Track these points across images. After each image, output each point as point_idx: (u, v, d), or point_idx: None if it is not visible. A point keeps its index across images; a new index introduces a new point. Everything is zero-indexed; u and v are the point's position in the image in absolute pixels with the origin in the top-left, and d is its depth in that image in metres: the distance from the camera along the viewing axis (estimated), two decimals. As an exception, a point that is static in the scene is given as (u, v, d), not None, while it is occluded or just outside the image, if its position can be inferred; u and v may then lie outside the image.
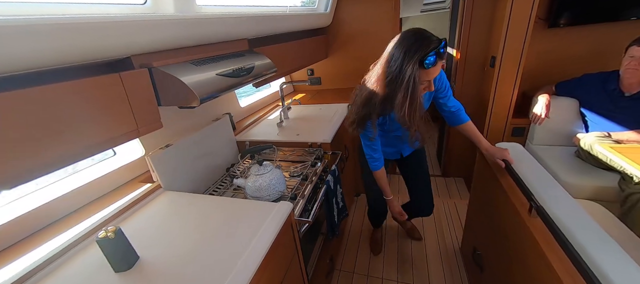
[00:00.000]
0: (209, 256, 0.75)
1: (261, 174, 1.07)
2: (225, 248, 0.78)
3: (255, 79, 1.13)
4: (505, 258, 1.01)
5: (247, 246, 0.76)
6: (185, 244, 0.81)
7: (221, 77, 0.95)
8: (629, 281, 0.59)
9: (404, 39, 0.89)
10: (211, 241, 0.81)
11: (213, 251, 0.77)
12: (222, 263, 0.72)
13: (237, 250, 0.76)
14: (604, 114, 1.57)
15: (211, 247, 0.79)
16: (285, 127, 1.73)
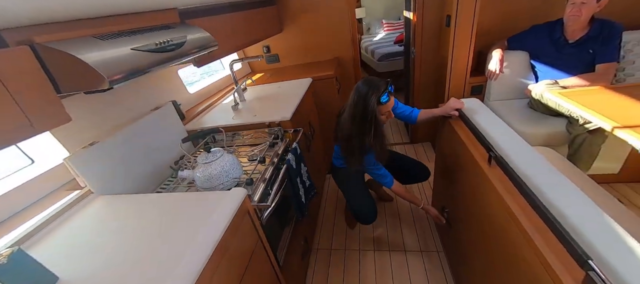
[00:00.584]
0: (148, 262, 0.64)
1: (210, 161, 0.95)
2: (168, 249, 0.67)
3: (190, 56, 0.98)
4: (470, 210, 1.01)
5: (191, 243, 0.66)
6: (119, 253, 0.69)
7: (140, 52, 0.78)
8: (580, 213, 0.59)
9: (361, 90, 1.12)
10: (151, 245, 0.69)
11: (153, 255, 0.66)
12: (163, 266, 0.62)
13: (181, 249, 0.65)
14: (551, 62, 1.63)
15: (151, 251, 0.67)
16: (241, 109, 1.59)
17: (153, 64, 0.81)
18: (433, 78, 2.23)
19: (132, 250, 0.69)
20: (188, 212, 0.79)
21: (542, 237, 0.60)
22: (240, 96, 1.72)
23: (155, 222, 0.78)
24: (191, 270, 0.59)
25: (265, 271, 0.95)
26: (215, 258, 0.66)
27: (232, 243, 0.74)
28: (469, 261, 1.09)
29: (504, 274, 0.77)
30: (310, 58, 2.37)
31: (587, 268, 0.48)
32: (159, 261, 0.64)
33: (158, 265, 0.63)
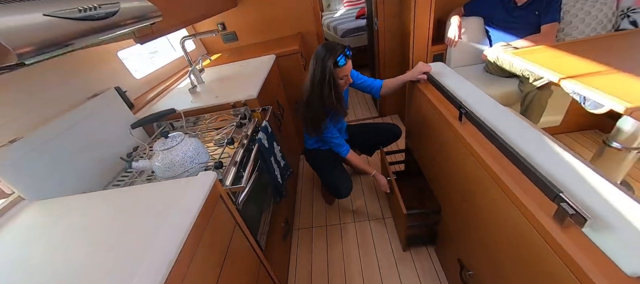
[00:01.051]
0: (100, 267, 0.55)
1: (169, 147, 0.84)
2: (125, 249, 0.57)
3: (126, 27, 0.82)
4: (443, 171, 1.05)
5: (155, 238, 0.57)
6: (61, 265, 0.58)
7: (56, 20, 0.63)
8: (548, 155, 0.63)
9: (319, 53, 1.17)
10: (104, 248, 0.59)
11: (106, 260, 0.56)
12: (122, 270, 0.53)
13: (141, 247, 0.57)
14: (503, 26, 1.73)
15: (104, 256, 0.57)
16: (200, 92, 1.44)
17: (76, 35, 0.66)
18: (398, 49, 2.25)
19: (80, 260, 0.58)
20: (148, 205, 0.69)
21: (514, 180, 0.63)
22: (198, 77, 1.56)
23: (108, 221, 0.67)
24: (159, 267, 0.51)
25: (247, 256, 0.89)
26: (188, 248, 0.58)
27: (206, 231, 0.67)
28: (442, 217, 1.15)
29: (479, 222, 0.82)
30: (271, 35, 2.23)
31: (558, 201, 0.51)
32: (115, 266, 0.55)
33: (115, 270, 0.54)
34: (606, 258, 0.45)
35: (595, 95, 0.93)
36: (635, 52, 1.20)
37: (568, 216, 0.49)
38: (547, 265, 0.53)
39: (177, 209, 0.64)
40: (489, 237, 0.76)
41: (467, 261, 0.96)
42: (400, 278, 1.27)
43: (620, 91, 0.88)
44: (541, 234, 0.54)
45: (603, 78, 1.00)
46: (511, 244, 0.65)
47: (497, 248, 0.72)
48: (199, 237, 0.64)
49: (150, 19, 0.93)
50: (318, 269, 1.38)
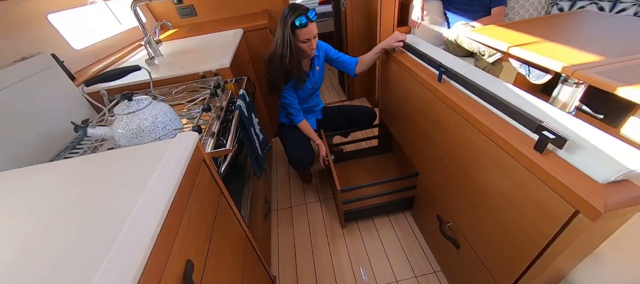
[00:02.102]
0: (68, 241, 0.44)
1: (135, 111, 0.72)
2: (97, 223, 0.47)
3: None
4: (422, 135, 1.10)
5: (134, 205, 0.48)
6: (10, 249, 0.45)
7: None
8: (515, 98, 0.70)
9: (283, 13, 1.19)
10: (70, 219, 0.48)
11: (78, 229, 0.46)
12: (95, 241, 0.43)
13: (119, 216, 0.47)
14: (460, 9, 1.88)
15: (73, 226, 0.47)
16: (159, 65, 1.28)
17: None
18: (364, 31, 2.29)
19: (40, 234, 0.46)
20: (119, 171, 0.58)
21: (496, 124, 0.68)
22: (155, 50, 1.38)
23: (70, 194, 0.55)
24: (146, 231, 0.43)
25: (234, 231, 0.82)
26: (174, 217, 0.50)
27: (192, 198, 0.59)
28: (419, 181, 1.22)
29: (460, 173, 0.88)
30: (234, 11, 2.08)
31: (540, 129, 0.56)
32: (88, 235, 0.45)
33: (88, 240, 0.44)
34: (582, 173, 0.52)
35: (538, 58, 1.08)
36: (564, 29, 1.41)
37: (549, 142, 0.55)
38: (531, 191, 0.59)
39: (156, 173, 0.55)
40: (471, 183, 0.82)
41: (445, 215, 1.04)
42: (382, 242, 1.31)
43: (556, 55, 1.03)
44: (524, 165, 0.60)
45: (542, 46, 1.17)
46: (494, 183, 0.71)
47: (479, 190, 0.79)
48: (184, 203, 0.56)
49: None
50: (301, 245, 1.36)
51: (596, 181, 0.50)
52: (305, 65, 1.38)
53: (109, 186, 0.55)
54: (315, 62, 1.40)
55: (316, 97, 1.59)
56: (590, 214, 0.48)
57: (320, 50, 1.41)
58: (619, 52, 1.10)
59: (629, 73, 0.94)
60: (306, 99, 1.52)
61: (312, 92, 1.48)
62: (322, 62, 1.45)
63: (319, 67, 1.45)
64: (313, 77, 1.43)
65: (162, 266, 0.44)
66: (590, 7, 1.76)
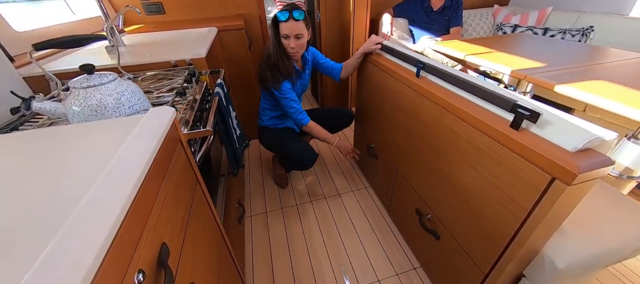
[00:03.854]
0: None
1: (96, 85, 0.62)
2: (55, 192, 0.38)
3: None
4: (401, 131, 1.14)
5: (90, 185, 0.40)
6: None
7: None
8: (487, 86, 0.77)
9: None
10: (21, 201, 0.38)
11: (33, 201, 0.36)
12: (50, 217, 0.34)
13: (76, 190, 0.39)
14: (423, 26, 2.07)
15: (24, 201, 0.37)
16: (123, 52, 1.16)
17: None
18: (338, 43, 2.38)
19: None
20: (78, 147, 0.49)
21: (473, 108, 0.73)
22: (117, 39, 1.25)
23: (19, 170, 0.44)
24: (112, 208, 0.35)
25: (209, 224, 0.73)
26: (148, 191, 0.43)
27: (168, 175, 0.52)
28: (397, 179, 1.25)
29: (439, 162, 0.91)
30: (207, 12, 2.02)
31: (516, 107, 0.61)
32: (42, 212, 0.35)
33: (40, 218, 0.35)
34: (554, 144, 0.57)
35: (491, 64, 1.23)
36: (510, 45, 1.63)
37: (524, 118, 0.60)
38: (510, 167, 0.64)
39: (125, 145, 0.47)
40: (450, 170, 0.86)
41: (424, 208, 1.06)
42: (363, 244, 1.29)
43: (505, 63, 1.18)
44: (503, 143, 0.64)
45: (494, 56, 1.34)
46: (474, 166, 0.75)
47: (459, 177, 0.82)
48: (159, 180, 0.48)
49: None
50: (278, 251, 1.27)
51: (567, 150, 0.55)
52: (297, 64, 1.37)
53: (67, 160, 0.45)
54: (304, 65, 1.41)
55: (300, 102, 1.57)
56: (566, 178, 0.52)
57: (309, 54, 1.42)
58: (554, 63, 1.30)
59: (563, 77, 1.11)
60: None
61: (301, 92, 1.46)
62: (310, 65, 1.46)
63: (309, 70, 1.46)
64: (303, 79, 1.43)
65: (133, 243, 0.36)
66: (527, 32, 2.08)
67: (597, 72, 1.17)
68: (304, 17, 1.17)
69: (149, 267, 0.39)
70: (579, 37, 1.88)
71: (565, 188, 0.53)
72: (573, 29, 1.92)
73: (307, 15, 1.20)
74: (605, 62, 1.30)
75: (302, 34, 1.19)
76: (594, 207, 0.83)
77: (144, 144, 0.46)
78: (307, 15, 1.20)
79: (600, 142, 0.53)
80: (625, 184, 1.16)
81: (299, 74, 1.38)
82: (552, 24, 2.09)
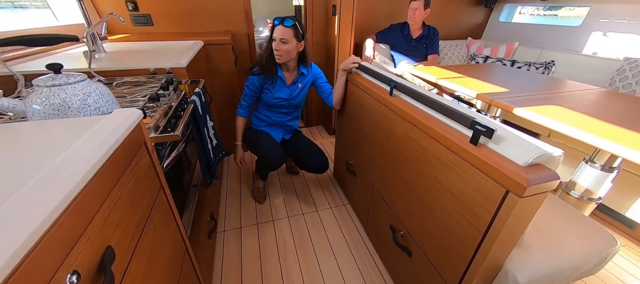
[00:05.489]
0: None
1: (61, 84, 0.61)
2: None
3: None
4: (374, 146, 1.17)
5: (41, 169, 0.38)
6: None
7: None
8: (453, 105, 0.81)
9: None
10: None
11: None
12: None
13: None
14: (403, 52, 2.20)
15: None
16: (102, 59, 1.15)
17: None
18: (323, 63, 2.47)
19: None
20: (29, 145, 0.47)
21: (438, 125, 0.77)
22: (98, 46, 1.24)
23: None
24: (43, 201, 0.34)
25: (171, 236, 0.70)
26: (96, 192, 0.41)
27: (125, 177, 0.50)
28: (373, 196, 1.26)
29: (409, 176, 0.94)
30: (195, 27, 2.05)
31: (473, 124, 0.65)
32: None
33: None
34: (507, 158, 0.60)
35: (459, 87, 1.33)
36: (479, 73, 1.75)
37: (481, 134, 0.64)
38: (470, 180, 0.66)
39: (79, 143, 0.46)
40: (420, 184, 0.88)
41: (398, 224, 1.07)
42: (338, 263, 1.26)
43: (473, 87, 1.27)
44: (464, 157, 0.68)
45: (464, 81, 1.43)
46: (440, 179, 0.78)
47: (428, 190, 0.84)
48: (111, 182, 0.46)
49: None
50: (250, 269, 1.22)
51: (518, 164, 0.58)
52: (288, 74, 1.44)
53: (6, 157, 0.43)
54: (300, 79, 1.46)
55: (289, 116, 1.58)
56: (517, 191, 0.55)
57: (310, 73, 1.49)
58: (518, 90, 1.40)
59: (523, 102, 1.19)
60: (275, 110, 1.52)
61: (280, 104, 1.48)
62: (308, 84, 1.50)
63: (303, 86, 1.49)
64: (290, 90, 1.45)
65: (69, 242, 0.34)
66: (497, 62, 2.24)
67: (556, 100, 1.27)
68: (292, 25, 1.26)
69: (87, 269, 0.37)
70: (542, 70, 2.05)
71: (518, 200, 0.56)
72: (537, 62, 2.09)
73: (298, 27, 1.28)
74: (564, 91, 1.41)
75: (288, 40, 1.27)
76: (555, 226, 0.86)
77: (98, 142, 0.45)
78: (298, 27, 1.28)
79: (548, 157, 0.57)
80: (586, 206, 1.22)
81: (283, 82, 1.43)
82: (519, 57, 2.27)
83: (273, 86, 1.42)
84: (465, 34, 2.73)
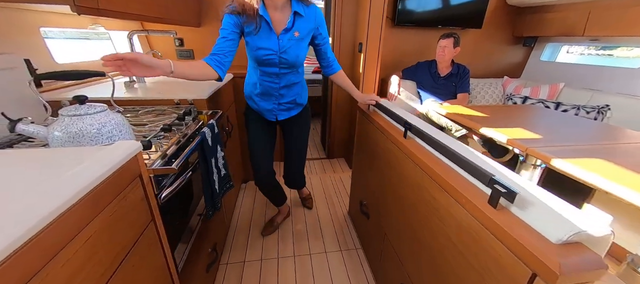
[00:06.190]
0: None
1: (81, 114, 0.67)
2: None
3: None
4: (387, 189, 1.08)
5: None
6: None
7: None
8: (471, 156, 0.72)
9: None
10: None
11: None
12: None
13: None
14: (430, 90, 2.12)
15: None
16: (138, 88, 1.27)
17: None
18: (347, 99, 2.48)
19: None
20: (20, 171, 0.50)
21: (453, 179, 0.68)
22: (138, 76, 1.39)
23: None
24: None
25: (156, 268, 0.68)
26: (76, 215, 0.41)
27: (109, 209, 0.50)
28: (388, 240, 1.13)
29: (422, 230, 0.82)
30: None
31: (492, 183, 0.56)
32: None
33: None
34: (535, 231, 0.49)
35: (490, 131, 1.19)
36: (516, 116, 1.58)
37: (501, 196, 0.54)
38: (489, 248, 0.55)
39: (64, 176, 0.47)
40: (433, 241, 0.76)
41: (409, 282, 0.93)
42: (342, 318, 1.13)
43: (504, 130, 1.13)
44: (480, 219, 0.57)
45: (495, 121, 1.28)
46: (453, 240, 0.66)
47: (440, 250, 0.73)
48: (95, 210, 0.47)
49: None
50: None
51: (549, 240, 0.47)
52: (278, 18, 1.03)
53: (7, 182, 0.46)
54: (295, 24, 1.04)
55: (280, 81, 1.15)
56: (547, 277, 0.44)
57: (311, 17, 1.06)
58: (562, 137, 1.22)
59: (567, 152, 1.02)
60: (263, 70, 1.12)
61: (267, 60, 1.08)
62: (307, 34, 1.09)
63: (300, 35, 1.06)
64: (279, 40, 1.04)
65: (22, 279, 0.33)
66: (538, 104, 2.04)
67: (611, 152, 1.07)
68: None
69: (34, 314, 0.35)
70: (594, 115, 1.80)
71: (547, 289, 0.44)
72: (588, 106, 1.85)
73: None
74: (621, 142, 1.20)
75: None
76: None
77: (83, 175, 0.46)
78: None
79: (587, 237, 0.45)
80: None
81: (269, 26, 1.02)
82: (565, 99, 2.04)
83: (255, 31, 1.02)
84: (500, 72, 2.56)
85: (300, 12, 1.04)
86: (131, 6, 1.18)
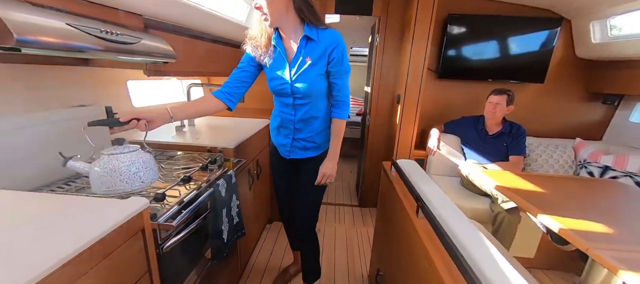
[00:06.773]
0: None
1: (116, 153, 0.80)
2: None
3: (138, 57, 0.92)
4: (401, 266, 0.96)
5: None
6: None
7: (75, 30, 0.72)
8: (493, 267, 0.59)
9: None
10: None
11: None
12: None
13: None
14: (476, 148, 1.90)
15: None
16: (186, 132, 1.48)
17: (92, 48, 0.75)
18: (384, 144, 2.42)
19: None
20: (36, 217, 0.60)
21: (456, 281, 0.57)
22: (190, 120, 1.63)
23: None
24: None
25: (147, 320, 0.72)
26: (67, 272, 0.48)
27: (105, 263, 0.57)
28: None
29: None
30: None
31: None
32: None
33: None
34: None
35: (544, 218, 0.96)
36: (583, 189, 1.27)
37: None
38: None
39: (73, 226, 0.56)
40: None
41: None
42: None
43: (572, 224, 0.90)
44: None
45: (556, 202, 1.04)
46: None
47: None
48: (90, 262, 0.53)
49: (164, 58, 1.05)
50: None
51: None
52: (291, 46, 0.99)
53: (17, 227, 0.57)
54: (306, 50, 0.97)
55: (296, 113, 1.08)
56: None
57: (325, 41, 0.96)
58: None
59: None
60: (280, 100, 1.12)
61: (281, 90, 1.05)
62: (321, 61, 0.98)
63: (312, 61, 0.97)
64: (290, 67, 1.00)
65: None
66: (624, 179, 1.61)
67: None
68: None
69: None
70: None
71: None
72: None
73: None
74: None
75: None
76: None
77: (86, 234, 0.54)
78: None
79: None
80: None
81: (282, 55, 1.00)
82: (671, 176, 1.57)
83: (269, 62, 1.02)
84: (571, 132, 2.16)
85: (312, 37, 0.95)
86: (191, 67, 1.44)
